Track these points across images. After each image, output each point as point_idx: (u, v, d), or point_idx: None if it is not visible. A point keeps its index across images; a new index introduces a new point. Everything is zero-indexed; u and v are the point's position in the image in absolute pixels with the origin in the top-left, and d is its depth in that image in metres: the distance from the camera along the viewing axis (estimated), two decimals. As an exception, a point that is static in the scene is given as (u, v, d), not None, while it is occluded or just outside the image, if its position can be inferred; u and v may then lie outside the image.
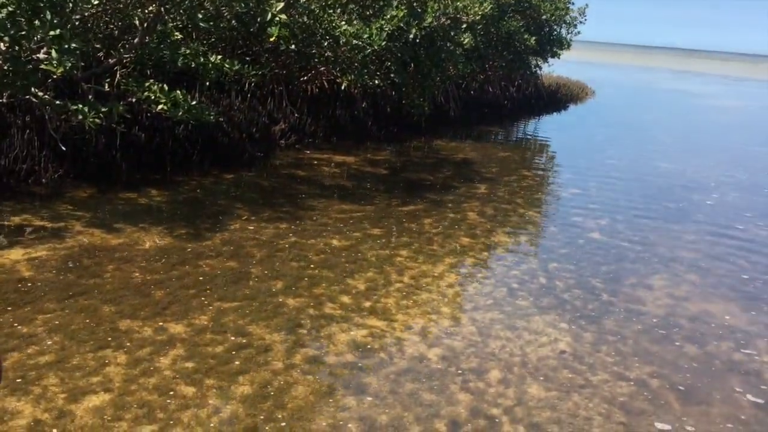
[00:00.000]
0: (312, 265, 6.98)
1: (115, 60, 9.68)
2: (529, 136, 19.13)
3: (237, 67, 9.82)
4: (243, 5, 8.72)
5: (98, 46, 10.03)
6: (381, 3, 13.30)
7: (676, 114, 27.67)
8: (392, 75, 13.90)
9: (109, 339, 5.08)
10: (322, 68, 14.00)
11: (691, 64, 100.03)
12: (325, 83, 15.08)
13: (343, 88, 14.20)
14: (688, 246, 8.85)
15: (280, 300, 6.07)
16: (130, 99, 9.29)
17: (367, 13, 13.52)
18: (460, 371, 5.10)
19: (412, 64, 14.26)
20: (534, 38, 19.71)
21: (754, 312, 6.74)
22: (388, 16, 12.77)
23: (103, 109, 7.92)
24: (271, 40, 9.67)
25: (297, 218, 8.54)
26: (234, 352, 5.05)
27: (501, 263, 7.66)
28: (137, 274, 6.32)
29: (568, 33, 23.72)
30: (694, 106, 31.51)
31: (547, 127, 21.01)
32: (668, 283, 7.40)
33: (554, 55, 23.72)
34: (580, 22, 23.77)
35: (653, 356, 5.60)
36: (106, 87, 9.69)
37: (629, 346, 5.76)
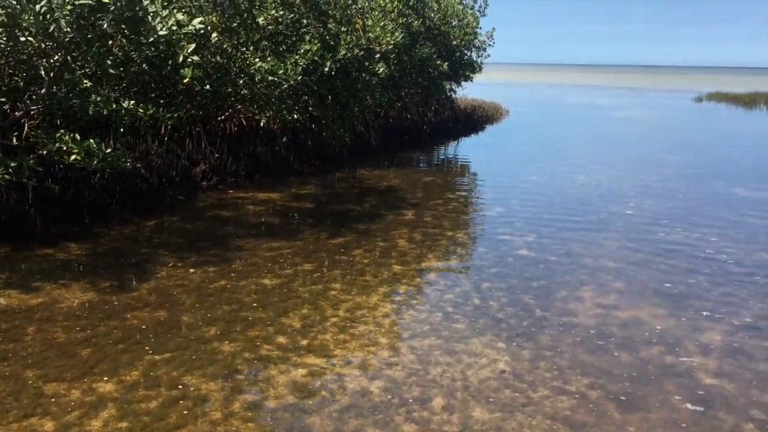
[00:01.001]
0: (245, 307, 6.83)
1: (22, 112, 9.33)
2: (450, 159, 19.44)
3: (151, 111, 9.60)
4: (153, 49, 8.56)
5: (2, 99, 9.64)
6: (294, 38, 13.33)
7: (588, 127, 28.69)
8: (311, 108, 13.92)
9: (35, 406, 4.80)
10: (240, 106, 13.89)
11: (596, 79, 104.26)
12: (244, 121, 14.95)
13: (262, 124, 14.10)
14: (612, 255, 9.12)
15: (214, 346, 5.90)
16: (40, 151, 8.95)
17: (281, 48, 13.52)
18: (403, 402, 5.06)
19: (330, 97, 14.33)
20: (446, 63, 20.13)
21: (680, 314, 6.98)
22: (302, 51, 12.81)
23: (12, 164, 7.59)
24: (185, 81, 9.55)
25: (225, 260, 8.37)
26: (169, 407, 4.86)
27: (434, 288, 7.70)
28: (60, 334, 6.03)
29: (479, 56, 24.38)
30: (604, 119, 32.78)
31: (467, 148, 21.43)
32: (597, 293, 7.59)
33: (467, 78, 24.33)
34: (489, 45, 24.49)
35: (590, 367, 5.71)
36: (14, 140, 9.31)
37: (566, 359, 5.86)
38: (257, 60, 12.18)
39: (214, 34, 11.20)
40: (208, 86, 11.91)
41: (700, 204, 12.63)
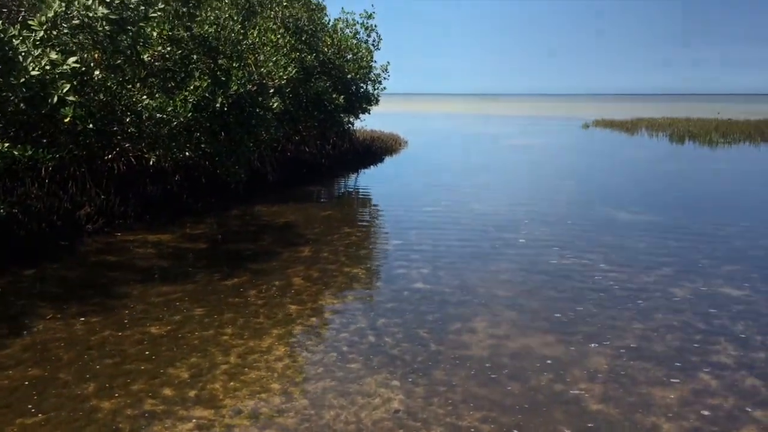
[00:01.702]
0: (129, 359, 6.49)
1: None
2: (349, 191, 19.47)
3: (30, 153, 9.09)
4: (25, 89, 8.14)
5: None
6: (183, 74, 13.05)
7: (485, 156, 29.50)
8: (203, 145, 13.62)
9: None
10: (128, 145, 13.41)
11: (493, 108, 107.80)
12: (133, 160, 14.45)
13: (152, 163, 13.66)
14: (505, 284, 9.30)
15: (94, 404, 5.56)
16: None
17: (170, 85, 13.19)
18: (295, 451, 4.90)
19: (223, 133, 14.07)
20: (342, 97, 20.28)
21: (568, 341, 7.16)
22: (192, 87, 12.55)
23: None
24: (66, 121, 9.12)
25: (110, 309, 7.96)
26: (40, 476, 4.51)
27: (330, 327, 7.59)
28: None
29: (375, 89, 24.69)
30: (499, 147, 33.84)
31: (366, 180, 21.55)
32: (490, 323, 7.69)
33: (364, 110, 24.57)
34: (384, 78, 24.88)
35: (482, 400, 5.74)
36: None
37: (459, 393, 5.87)
38: (145, 97, 11.83)
39: (97, 72, 10.81)
40: (91, 125, 11.46)
41: (587, 229, 13.14)
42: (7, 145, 8.95)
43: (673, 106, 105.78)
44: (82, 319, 7.60)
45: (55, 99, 8.28)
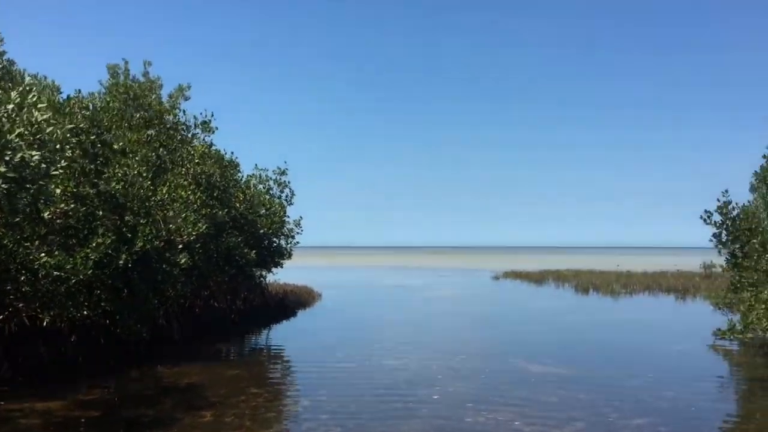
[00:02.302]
0: None
1: None
2: (260, 348, 18.87)
3: None
4: None
5: None
6: (86, 231, 12.71)
7: (399, 308, 29.55)
8: (103, 303, 13.05)
9: None
10: (21, 304, 12.68)
11: (409, 260, 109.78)
12: (26, 320, 13.61)
13: (45, 323, 12.90)
14: (417, 446, 8.94)
15: None
16: None
17: (71, 242, 12.78)
18: None
19: (126, 290, 13.59)
20: (254, 251, 20.19)
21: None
22: (94, 244, 12.20)
23: None
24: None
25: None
26: None
27: (230, 503, 6.99)
28: None
29: (288, 243, 24.77)
30: (414, 299, 34.07)
31: (278, 336, 21.01)
32: (402, 491, 7.28)
33: (276, 264, 24.46)
34: (298, 232, 25.06)
35: None
36: None
37: None
38: (43, 255, 11.37)
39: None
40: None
41: (502, 383, 13.05)
42: None
43: (574, 258, 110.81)
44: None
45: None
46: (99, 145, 13.00)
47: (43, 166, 9.61)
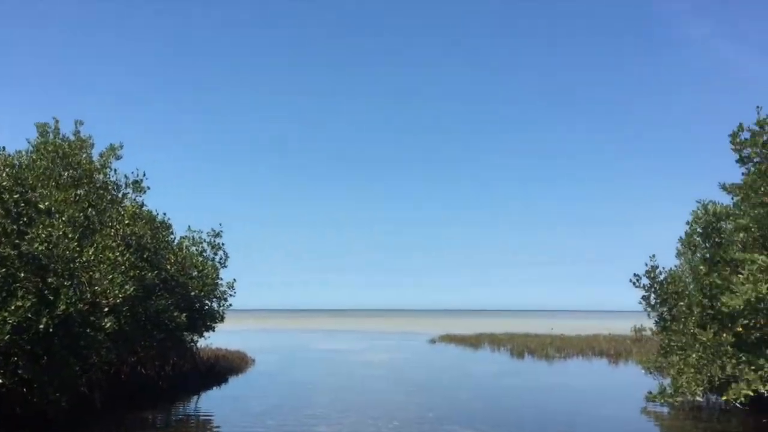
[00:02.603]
0: None
1: None
2: (189, 416, 18.08)
3: None
4: None
5: None
6: (4, 294, 12.08)
7: (332, 373, 28.98)
8: (20, 371, 12.31)
9: None
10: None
11: (342, 323, 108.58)
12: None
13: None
14: None
15: None
16: None
17: (-13, 305, 12.12)
18: None
19: (45, 356, 12.88)
20: (185, 315, 19.58)
21: None
22: (13, 307, 11.58)
23: None
24: None
25: None
26: None
27: None
28: None
29: (220, 306, 24.16)
30: (347, 363, 33.51)
31: (207, 403, 20.22)
32: None
33: (208, 328, 23.76)
34: (230, 295, 24.49)
35: None
36: None
37: None
38: (-46, 319, 10.72)
39: None
40: None
41: (436, 451, 12.80)
42: None
43: (509, 321, 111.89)
44: None
45: None
46: (23, 204, 12.51)
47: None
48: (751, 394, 11.74)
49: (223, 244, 24.44)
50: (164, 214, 21.90)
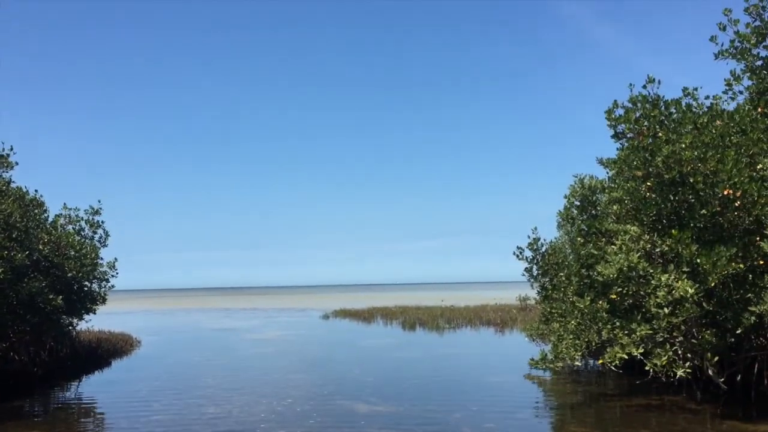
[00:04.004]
0: None
1: None
2: (69, 403, 17.17)
3: None
4: None
5: None
6: None
7: (223, 352, 28.41)
8: None
9: None
10: None
11: (234, 301, 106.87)
12: None
13: None
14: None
15: None
16: None
17: None
18: None
19: None
20: (61, 297, 18.53)
21: None
22: None
23: None
24: None
25: None
26: None
27: None
28: None
29: (101, 287, 23.03)
30: (238, 342, 32.98)
31: (89, 389, 19.29)
32: None
33: (89, 311, 22.59)
34: (113, 275, 23.37)
35: None
36: None
37: None
38: None
39: None
40: None
41: (328, 427, 12.79)
42: None
43: (401, 294, 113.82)
44: None
45: None
46: None
47: None
48: (625, 357, 12.38)
49: (102, 222, 23.27)
50: (36, 191, 20.56)
